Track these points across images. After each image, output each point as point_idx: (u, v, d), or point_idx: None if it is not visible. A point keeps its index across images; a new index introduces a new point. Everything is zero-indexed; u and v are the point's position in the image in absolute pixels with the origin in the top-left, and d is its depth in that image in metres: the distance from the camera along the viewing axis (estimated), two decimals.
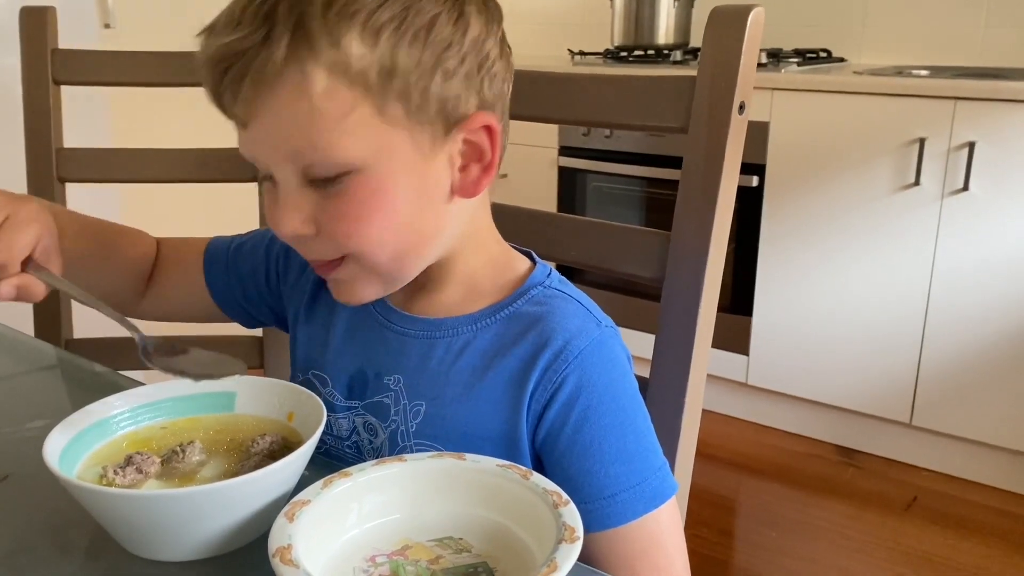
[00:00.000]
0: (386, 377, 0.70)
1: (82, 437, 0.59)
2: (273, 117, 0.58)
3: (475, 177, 0.64)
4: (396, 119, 0.59)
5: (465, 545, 0.52)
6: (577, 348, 0.65)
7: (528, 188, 2.62)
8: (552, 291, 0.69)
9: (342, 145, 0.58)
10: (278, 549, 0.47)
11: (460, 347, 0.68)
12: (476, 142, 0.63)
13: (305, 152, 0.58)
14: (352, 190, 0.60)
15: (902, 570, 1.83)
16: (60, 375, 0.87)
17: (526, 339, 0.66)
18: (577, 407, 0.64)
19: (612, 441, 0.65)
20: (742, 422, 2.47)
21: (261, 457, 0.59)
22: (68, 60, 1.21)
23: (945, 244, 2.03)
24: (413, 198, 0.62)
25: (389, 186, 0.60)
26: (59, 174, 1.21)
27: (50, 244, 0.68)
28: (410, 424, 0.68)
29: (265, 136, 0.59)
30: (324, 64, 0.56)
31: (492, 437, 0.66)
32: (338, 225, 0.61)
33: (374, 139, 0.59)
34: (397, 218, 0.62)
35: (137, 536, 0.53)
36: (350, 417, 0.72)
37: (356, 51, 0.56)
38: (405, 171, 0.61)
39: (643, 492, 0.64)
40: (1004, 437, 2.05)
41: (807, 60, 2.42)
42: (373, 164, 0.59)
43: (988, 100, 1.92)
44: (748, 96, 0.77)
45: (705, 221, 0.78)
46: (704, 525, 1.98)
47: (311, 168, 0.59)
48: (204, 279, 0.83)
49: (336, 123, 0.57)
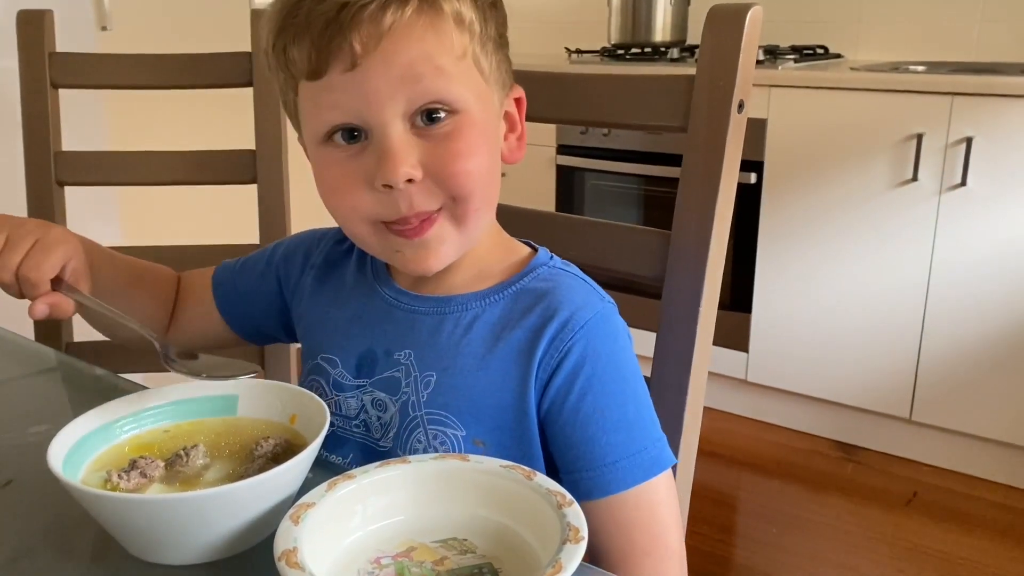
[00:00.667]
0: (396, 353, 0.71)
1: (85, 442, 0.59)
2: (404, 49, 0.61)
3: (515, 146, 0.72)
4: (485, 74, 0.66)
5: (469, 546, 0.52)
6: (582, 319, 0.67)
7: (527, 187, 2.62)
8: (557, 270, 0.73)
9: (458, 81, 0.63)
10: (284, 552, 0.47)
11: (469, 321, 0.70)
12: (511, 113, 0.72)
13: (427, 84, 0.62)
14: (461, 130, 0.64)
15: (903, 565, 1.83)
16: (61, 378, 0.87)
17: (533, 312, 0.69)
18: (582, 376, 0.67)
19: (614, 409, 0.67)
20: (742, 419, 2.48)
21: (265, 460, 0.59)
22: (66, 63, 1.21)
23: (943, 239, 2.03)
24: (495, 151, 0.69)
25: (486, 131, 0.67)
26: (58, 177, 1.21)
27: (79, 266, 0.73)
28: (421, 395, 0.69)
29: (387, 71, 0.61)
30: (449, 10, 0.63)
31: (502, 406, 0.68)
32: (453, 163, 0.63)
33: (476, 85, 0.65)
34: (491, 162, 0.67)
35: (142, 540, 0.54)
36: (358, 396, 0.73)
37: (467, 6, 0.64)
38: (492, 122, 0.68)
39: (642, 460, 0.66)
40: (1004, 432, 2.05)
41: (804, 56, 2.42)
42: (475, 109, 0.65)
43: (985, 95, 1.92)
44: (747, 94, 0.77)
45: (705, 219, 0.78)
46: (705, 522, 1.99)
47: (426, 104, 0.62)
48: (215, 303, 0.86)
49: (456, 61, 0.63)
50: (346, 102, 0.62)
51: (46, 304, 0.70)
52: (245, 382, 0.65)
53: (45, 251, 0.71)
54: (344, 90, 0.61)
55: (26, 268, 0.70)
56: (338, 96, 0.62)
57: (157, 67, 1.22)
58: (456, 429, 0.68)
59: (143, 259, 0.88)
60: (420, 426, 0.69)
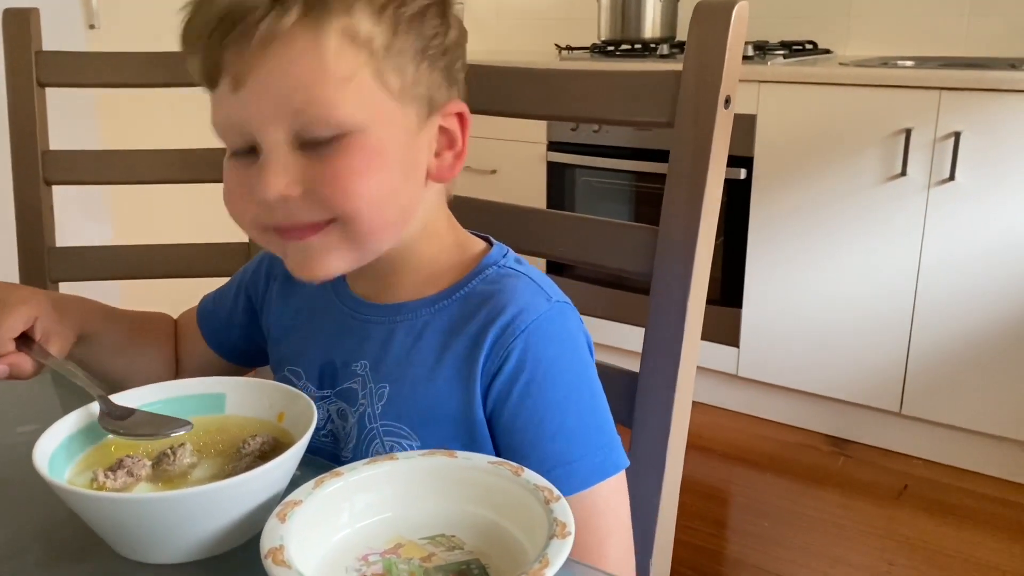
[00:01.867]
0: (353, 364, 0.71)
1: (72, 441, 0.59)
2: (281, 74, 0.59)
3: (449, 163, 0.68)
4: (392, 91, 0.62)
5: (457, 542, 0.52)
6: (524, 323, 0.66)
7: (517, 184, 2.62)
8: (506, 270, 0.71)
9: (345, 104, 0.60)
10: (270, 550, 0.47)
11: (419, 329, 0.69)
12: (449, 129, 0.68)
13: (307, 109, 0.59)
14: (349, 149, 0.61)
15: (893, 558, 1.84)
16: (50, 380, 0.87)
17: (477, 317, 0.67)
18: (520, 381, 0.66)
19: (554, 416, 0.66)
20: (733, 414, 2.48)
21: (252, 458, 0.59)
22: (53, 62, 1.20)
23: (932, 233, 2.04)
24: (401, 170, 0.64)
25: (384, 150, 0.62)
26: (45, 176, 1.21)
27: (49, 325, 0.73)
28: (376, 407, 0.69)
29: (266, 95, 0.59)
30: (337, 26, 0.59)
31: (451, 415, 0.67)
32: (334, 183, 0.61)
33: (373, 104, 0.61)
34: (389, 183, 0.63)
35: (128, 539, 0.53)
36: (324, 406, 0.73)
37: (365, 21, 0.60)
38: (397, 141, 0.63)
39: (579, 469, 0.65)
40: (993, 425, 2.06)
41: (793, 52, 2.43)
42: (370, 127, 0.61)
43: (973, 90, 1.92)
44: (733, 90, 0.77)
45: (692, 214, 0.78)
46: (697, 516, 1.99)
47: (308, 128, 0.60)
48: (203, 337, 0.86)
49: (342, 83, 0.59)
50: (234, 120, 0.61)
51: (5, 365, 0.69)
52: (233, 380, 0.66)
53: (6, 313, 0.70)
54: (231, 108, 0.61)
55: None
56: (227, 112, 0.62)
57: (145, 65, 1.22)
58: (410, 439, 0.68)
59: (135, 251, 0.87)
60: (377, 437, 0.69)
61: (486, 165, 2.65)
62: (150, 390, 0.65)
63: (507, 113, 0.91)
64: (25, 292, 0.73)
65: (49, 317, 0.73)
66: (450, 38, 0.66)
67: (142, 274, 1.24)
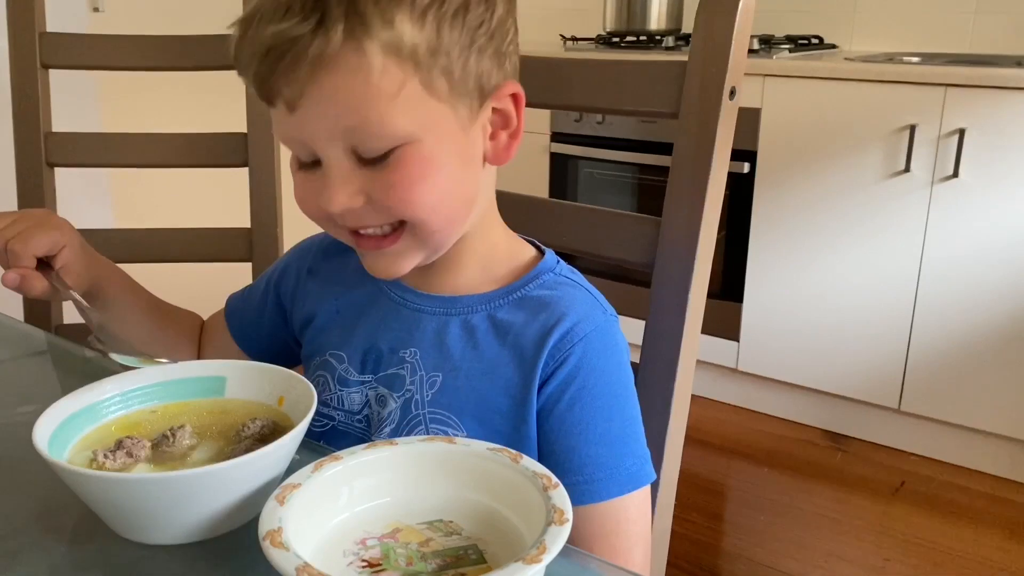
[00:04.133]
0: (402, 351, 0.72)
1: (72, 421, 0.59)
2: (330, 97, 0.59)
3: (505, 143, 0.69)
4: (441, 94, 0.62)
5: (455, 528, 0.52)
6: (582, 331, 0.68)
7: (520, 174, 2.61)
8: (562, 278, 0.73)
9: (395, 120, 0.60)
10: (268, 532, 0.47)
11: (475, 324, 0.71)
12: (504, 110, 0.68)
13: (359, 128, 0.60)
14: (404, 160, 0.62)
15: (889, 553, 1.84)
16: (50, 361, 0.87)
17: (538, 320, 0.69)
18: (573, 386, 0.68)
19: (599, 423, 0.68)
20: (732, 408, 2.49)
21: (251, 441, 0.59)
22: (56, 44, 1.20)
23: (935, 230, 2.03)
24: (457, 166, 0.65)
25: (437, 154, 0.63)
26: (48, 159, 1.21)
27: (70, 258, 0.76)
28: (426, 393, 0.70)
29: (319, 117, 0.61)
30: (379, 44, 0.58)
31: (502, 411, 0.69)
32: (393, 193, 0.63)
33: (423, 113, 0.62)
34: (446, 184, 0.64)
35: (128, 519, 0.54)
36: (363, 391, 0.74)
37: (407, 30, 0.59)
38: (450, 141, 0.64)
39: (618, 476, 0.68)
40: (992, 422, 2.07)
41: (799, 46, 2.42)
42: (422, 136, 0.62)
43: (978, 87, 1.92)
44: (739, 82, 0.77)
45: (695, 206, 0.78)
46: (694, 509, 2.00)
47: (363, 144, 0.61)
48: (231, 336, 0.87)
49: (390, 99, 0.60)
50: (294, 136, 0.63)
51: (18, 275, 0.73)
52: (234, 364, 0.66)
53: (37, 230, 0.74)
54: (289, 126, 0.62)
55: (14, 241, 0.73)
56: (286, 129, 0.63)
57: (149, 48, 1.21)
58: (456, 429, 0.69)
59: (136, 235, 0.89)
60: (422, 423, 0.70)
61: None
62: (151, 372, 0.65)
63: None
64: (60, 220, 0.77)
65: (74, 251, 0.76)
66: (497, 17, 0.65)
67: (143, 258, 1.24)
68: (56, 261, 0.75)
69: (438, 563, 0.49)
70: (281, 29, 0.58)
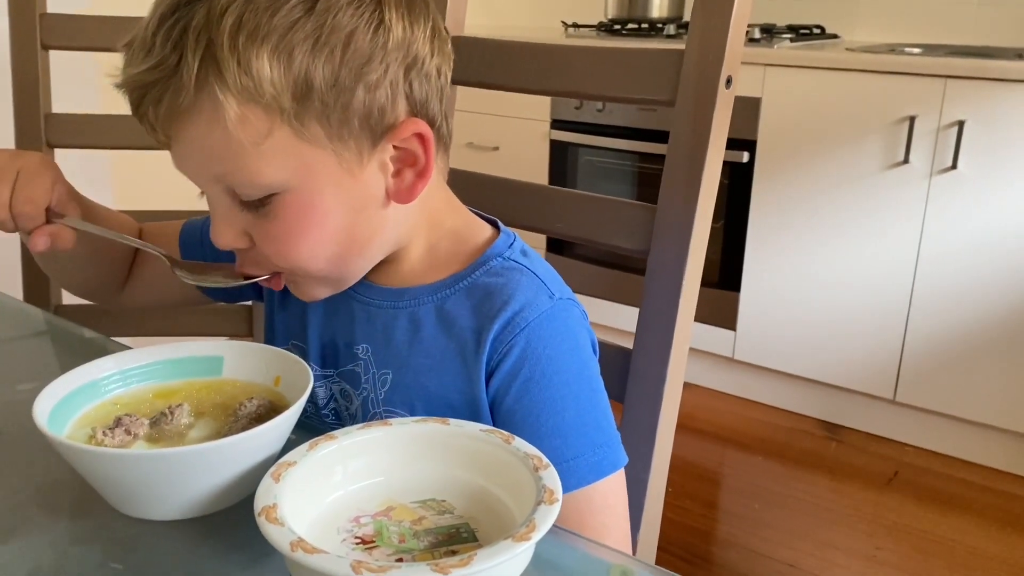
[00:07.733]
0: (355, 347, 0.71)
1: (72, 399, 0.60)
2: (191, 144, 0.58)
3: (410, 183, 0.64)
4: (317, 139, 0.58)
5: (447, 506, 0.53)
6: (526, 319, 0.65)
7: (519, 161, 2.62)
8: (511, 263, 0.69)
9: (262, 169, 0.58)
10: (264, 508, 0.48)
11: (421, 318, 0.68)
12: (408, 148, 0.63)
13: (228, 176, 0.59)
14: (281, 211, 0.60)
15: (882, 543, 1.86)
16: (50, 340, 0.88)
17: (481, 311, 0.66)
18: (519, 378, 0.65)
19: (550, 414, 0.65)
20: (728, 396, 2.50)
21: (248, 420, 0.59)
22: (57, 25, 1.20)
23: (933, 222, 2.04)
24: (344, 211, 0.62)
25: (317, 203, 0.60)
26: (48, 140, 1.21)
27: (63, 191, 0.70)
28: (379, 392, 0.69)
29: (188, 160, 0.60)
30: (234, 91, 0.55)
31: (455, 406, 0.67)
32: (269, 245, 0.62)
33: (295, 161, 0.58)
34: (329, 233, 0.62)
35: (126, 495, 0.54)
36: (327, 385, 0.73)
37: (268, 75, 0.55)
38: (332, 186, 0.61)
39: (575, 467, 0.65)
40: (986, 414, 2.08)
41: (800, 36, 2.42)
42: (297, 185, 0.59)
43: (978, 79, 1.92)
44: (735, 70, 0.77)
45: (690, 194, 0.79)
46: (688, 497, 2.01)
47: (238, 189, 0.60)
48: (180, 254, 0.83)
49: (254, 148, 0.57)
50: (179, 170, 0.62)
51: (47, 235, 0.68)
52: (231, 344, 0.66)
53: (33, 180, 0.68)
54: (173, 161, 0.62)
55: (19, 202, 0.68)
56: (175, 164, 0.62)
57: None
58: None
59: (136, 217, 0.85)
60: None
61: (488, 142, 2.64)
62: (148, 352, 0.66)
63: (509, 87, 0.91)
64: (38, 158, 0.70)
65: (62, 182, 0.70)
66: (392, 47, 0.59)
67: None
68: (52, 202, 0.69)
69: (430, 540, 0.50)
70: (140, 73, 0.56)
